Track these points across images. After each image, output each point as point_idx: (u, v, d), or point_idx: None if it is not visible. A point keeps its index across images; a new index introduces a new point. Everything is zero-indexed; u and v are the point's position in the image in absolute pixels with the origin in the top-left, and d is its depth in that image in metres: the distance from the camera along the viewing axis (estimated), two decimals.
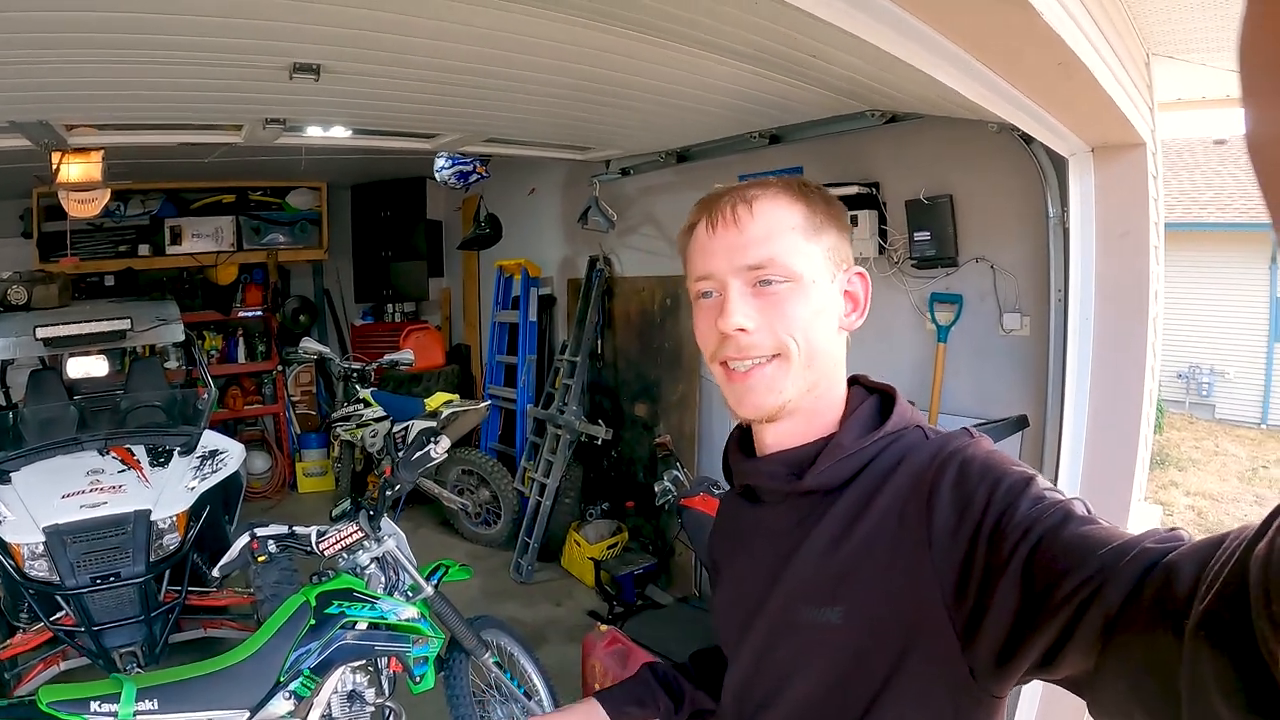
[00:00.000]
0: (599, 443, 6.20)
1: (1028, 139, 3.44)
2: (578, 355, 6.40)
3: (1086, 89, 2.52)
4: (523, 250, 7.51)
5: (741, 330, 1.09)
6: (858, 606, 1.03)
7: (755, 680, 1.20)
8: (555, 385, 6.69)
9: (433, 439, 3.36)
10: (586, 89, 3.68)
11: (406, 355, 6.91)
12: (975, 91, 2.57)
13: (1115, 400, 3.39)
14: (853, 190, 4.60)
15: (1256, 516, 0.59)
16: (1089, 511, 0.88)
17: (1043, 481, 0.95)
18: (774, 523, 1.19)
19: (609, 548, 5.95)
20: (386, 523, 3.32)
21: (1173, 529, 0.79)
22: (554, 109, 4.15)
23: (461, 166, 6.15)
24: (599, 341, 6.62)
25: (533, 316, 7.28)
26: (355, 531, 3.13)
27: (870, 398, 1.20)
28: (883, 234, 4.65)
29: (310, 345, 6.98)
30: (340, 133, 4.63)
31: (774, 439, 1.19)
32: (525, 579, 5.97)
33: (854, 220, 4.60)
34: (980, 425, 0.97)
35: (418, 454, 3.30)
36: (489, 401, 7.09)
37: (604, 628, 3.97)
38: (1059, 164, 3.49)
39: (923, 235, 4.15)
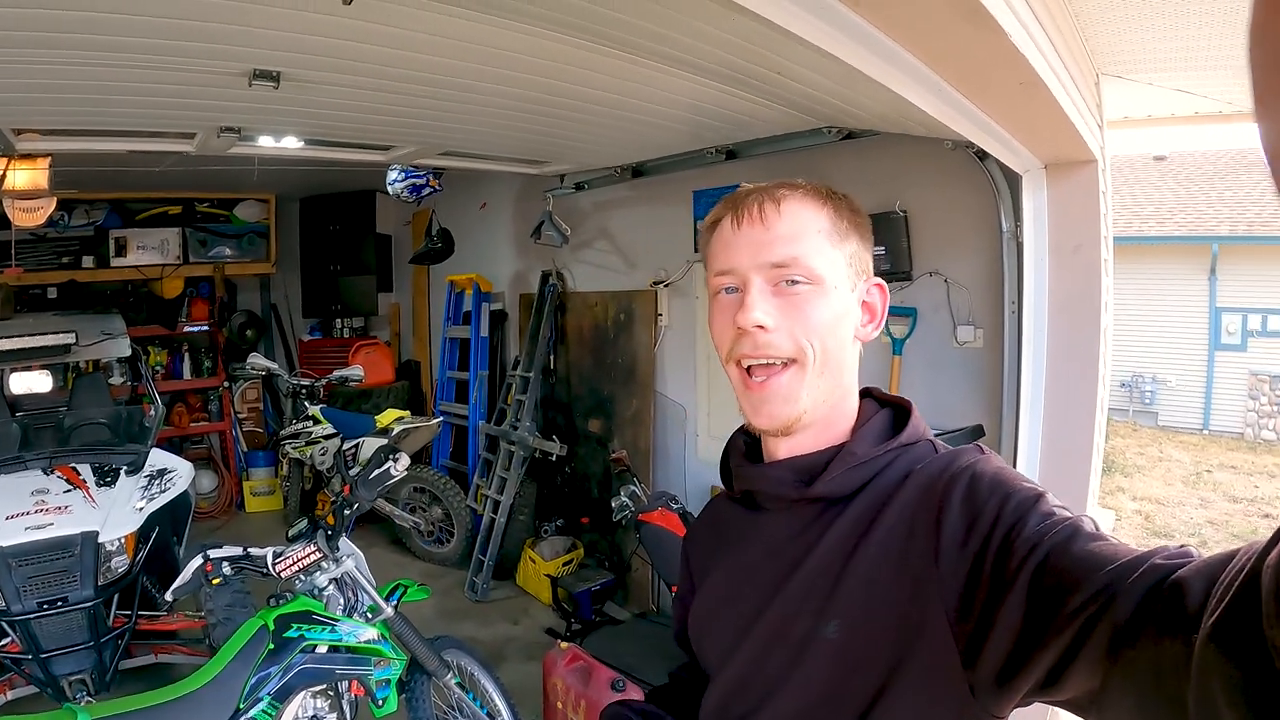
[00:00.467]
0: (553, 459, 6.18)
1: (982, 155, 3.51)
2: (530, 371, 6.37)
3: (1046, 108, 2.58)
4: (474, 265, 7.50)
5: (760, 327, 1.08)
6: (859, 619, 1.02)
7: (742, 692, 1.17)
8: (508, 401, 6.66)
9: (392, 456, 3.32)
10: (546, 101, 3.68)
11: (356, 371, 6.85)
12: (939, 110, 2.61)
13: (1068, 409, 3.46)
14: None
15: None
16: (1097, 528, 0.88)
17: (1052, 498, 0.95)
18: (775, 531, 1.18)
19: (565, 564, 5.93)
20: (345, 542, 3.26)
21: (1181, 546, 0.79)
22: (513, 121, 4.14)
23: (414, 179, 6.09)
24: (552, 357, 6.61)
25: (484, 332, 7.26)
26: (313, 552, 3.07)
27: (883, 410, 1.19)
28: None
29: (257, 361, 6.91)
30: (294, 143, 4.57)
31: (788, 449, 1.17)
32: (481, 597, 5.92)
33: None
34: (936, 435, 1.00)
35: (377, 472, 3.26)
36: (441, 418, 7.06)
37: (564, 645, 3.94)
38: (1013, 180, 3.56)
39: (878, 250, 4.17)
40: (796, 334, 1.09)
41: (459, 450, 7.52)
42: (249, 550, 3.07)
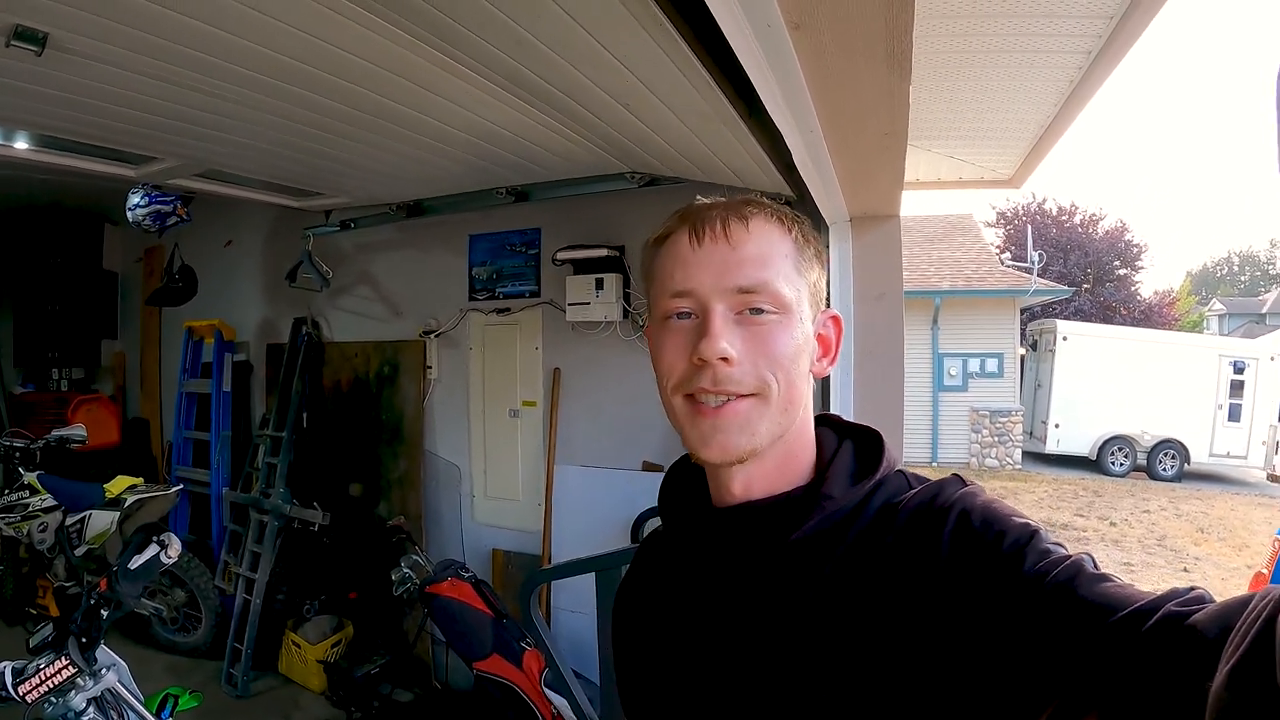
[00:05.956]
0: (314, 528, 5.80)
1: (790, 204, 3.68)
2: (282, 430, 6.02)
3: (891, 160, 2.76)
4: (216, 310, 6.98)
5: (725, 360, 1.01)
6: (849, 673, 0.95)
7: None
8: (255, 465, 6.26)
9: (157, 538, 3.05)
10: (338, 115, 3.44)
11: (78, 431, 6.24)
12: (800, 156, 2.74)
13: None
14: (602, 253, 4.72)
15: None
16: (1096, 566, 0.86)
17: (1046, 534, 0.92)
18: (741, 582, 1.08)
19: (333, 646, 5.59)
20: (103, 651, 2.86)
21: (1192, 588, 0.78)
22: (294, 138, 3.84)
23: (160, 205, 5.47)
24: (305, 414, 6.27)
25: (227, 386, 6.78)
26: (65, 666, 2.66)
27: (846, 442, 1.14)
28: (627, 298, 4.80)
29: None
30: (22, 145, 3.96)
31: (743, 487, 1.09)
32: (242, 692, 5.45)
33: (599, 284, 4.73)
34: None
35: (141, 560, 2.93)
36: (179, 486, 6.49)
37: None
38: (820, 230, 3.73)
39: (647, 295, 4.29)
40: (760, 367, 1.02)
41: (200, 522, 6.90)
42: None
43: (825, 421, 1.18)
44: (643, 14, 2.12)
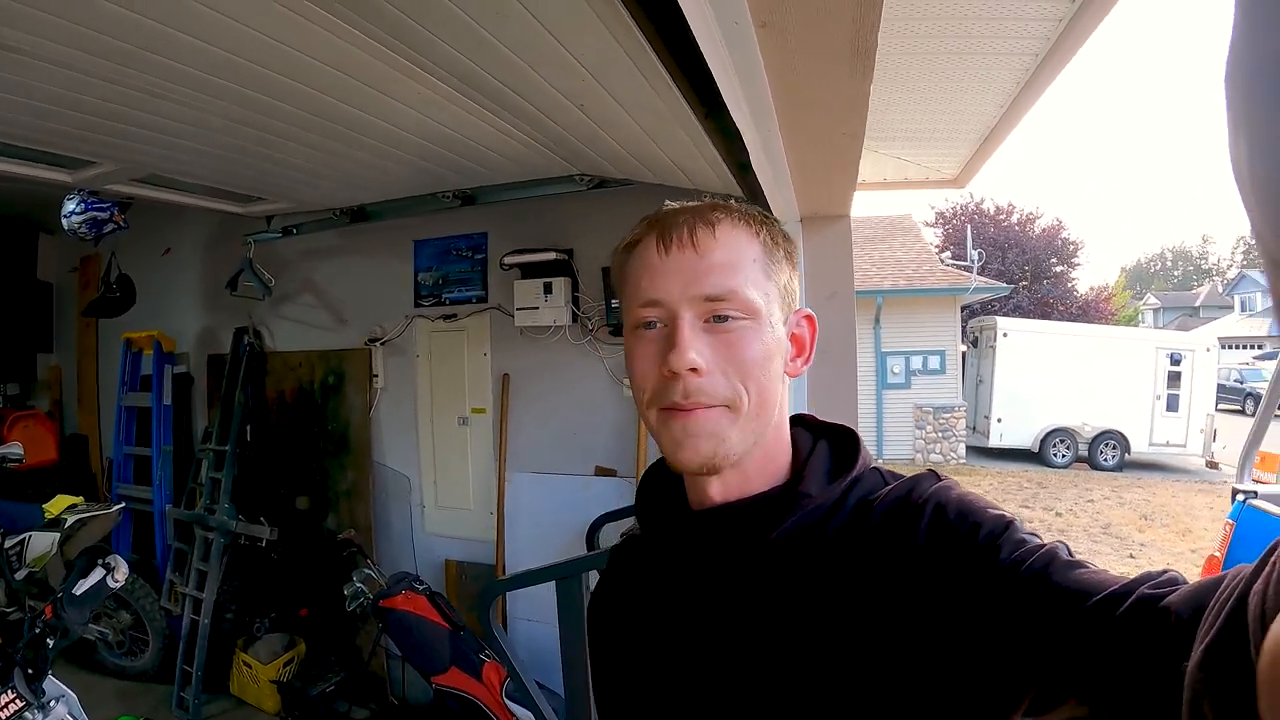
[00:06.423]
0: (261, 544, 5.67)
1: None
2: (226, 443, 5.89)
3: (849, 160, 2.77)
4: (155, 321, 6.82)
5: (694, 370, 1.00)
6: (832, 668, 0.96)
7: None
8: (199, 480, 6.13)
9: (103, 560, 2.95)
10: (288, 117, 3.35)
11: (15, 450, 6.07)
12: (758, 158, 2.72)
13: None
14: (550, 257, 4.69)
15: None
16: (1072, 554, 0.87)
17: (1020, 525, 0.93)
18: (721, 583, 1.08)
19: (285, 665, 5.49)
20: (51, 682, 2.78)
21: (1164, 571, 0.79)
22: (241, 141, 3.71)
23: (97, 212, 5.30)
24: (248, 427, 6.13)
25: (168, 399, 6.65)
26: (12, 700, 2.56)
27: (821, 441, 1.15)
28: (576, 301, 4.78)
29: None
30: None
31: (720, 491, 1.09)
32: (194, 716, 5.32)
33: (548, 288, 4.70)
34: None
35: (88, 585, 2.85)
36: (121, 504, 6.37)
37: None
38: None
39: (619, 302, 4.29)
40: (731, 377, 1.02)
41: (143, 541, 6.73)
42: None
43: (799, 421, 1.19)
44: (608, 14, 2.11)
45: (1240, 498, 5.47)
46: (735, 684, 1.03)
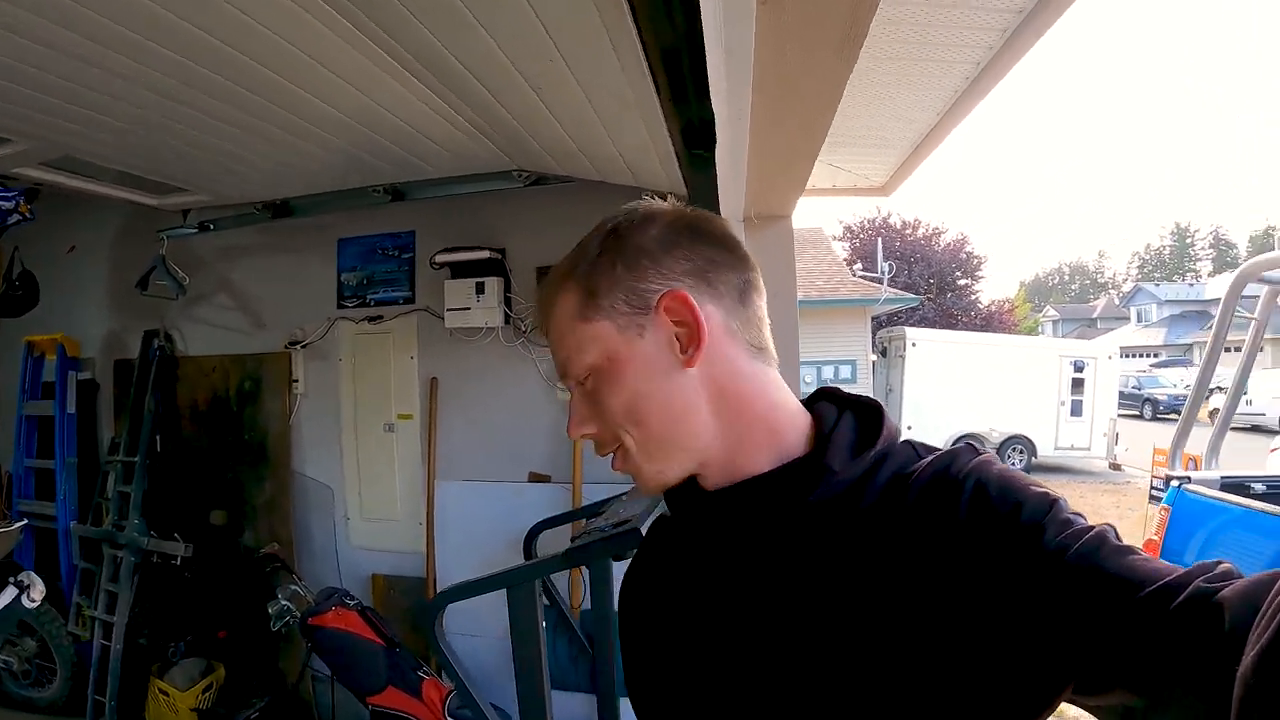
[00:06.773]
0: (176, 562, 5.31)
1: (682, 201, 3.57)
2: (135, 455, 5.55)
3: (807, 156, 2.69)
4: (58, 323, 6.39)
5: (585, 436, 1.11)
6: (875, 639, 0.93)
7: None
8: (106, 495, 5.76)
9: (14, 579, 2.70)
10: (215, 89, 3.05)
11: None
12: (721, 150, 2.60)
13: None
14: (483, 255, 4.56)
15: None
16: (1119, 538, 0.86)
17: (1065, 504, 0.92)
18: (762, 549, 1.05)
19: (205, 691, 5.17)
20: None
21: (1219, 562, 0.77)
22: (162, 117, 3.38)
23: (1, 201, 4.82)
24: (158, 437, 5.80)
25: (71, 407, 6.22)
26: None
27: (846, 414, 1.11)
28: (509, 302, 4.64)
29: None
30: None
31: (711, 483, 1.10)
32: None
33: (480, 288, 4.55)
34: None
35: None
36: (23, 521, 5.96)
37: None
38: None
39: None
40: (608, 425, 1.08)
41: (47, 561, 6.19)
42: None
43: (826, 395, 1.18)
44: None
45: (1175, 483, 5.80)
46: (781, 653, 1.01)
